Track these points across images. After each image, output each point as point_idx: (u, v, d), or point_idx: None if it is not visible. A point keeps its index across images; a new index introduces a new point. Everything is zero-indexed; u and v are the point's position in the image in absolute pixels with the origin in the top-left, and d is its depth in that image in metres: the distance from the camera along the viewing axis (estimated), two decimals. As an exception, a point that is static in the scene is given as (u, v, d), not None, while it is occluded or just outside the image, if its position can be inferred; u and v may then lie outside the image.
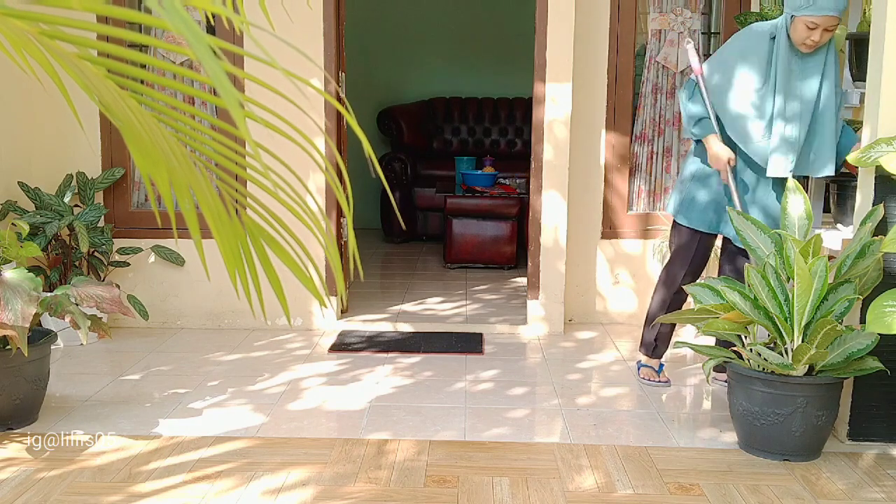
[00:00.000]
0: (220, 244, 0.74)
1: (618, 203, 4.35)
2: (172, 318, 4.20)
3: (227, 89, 0.62)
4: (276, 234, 0.94)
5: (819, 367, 2.62)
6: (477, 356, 3.79)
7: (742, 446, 2.76)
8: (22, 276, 2.68)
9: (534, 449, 2.74)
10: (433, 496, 2.37)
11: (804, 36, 2.81)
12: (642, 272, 4.37)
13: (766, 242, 2.78)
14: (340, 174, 4.27)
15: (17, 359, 2.73)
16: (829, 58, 2.90)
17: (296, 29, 3.98)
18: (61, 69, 0.84)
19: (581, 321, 4.42)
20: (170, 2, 0.64)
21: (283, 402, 3.14)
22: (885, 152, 2.61)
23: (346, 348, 3.88)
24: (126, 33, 0.90)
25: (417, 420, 2.97)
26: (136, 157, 0.72)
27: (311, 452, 2.66)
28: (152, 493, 2.36)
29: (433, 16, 7.52)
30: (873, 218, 2.67)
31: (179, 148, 0.83)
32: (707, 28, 4.39)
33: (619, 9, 4.24)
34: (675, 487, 2.45)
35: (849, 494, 2.44)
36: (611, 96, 4.29)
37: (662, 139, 4.42)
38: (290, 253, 0.92)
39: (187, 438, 2.76)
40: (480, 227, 5.71)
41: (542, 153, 4.11)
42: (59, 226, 3.77)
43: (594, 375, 3.57)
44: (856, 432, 2.81)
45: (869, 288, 2.63)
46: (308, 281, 0.93)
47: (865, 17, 3.21)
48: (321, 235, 0.95)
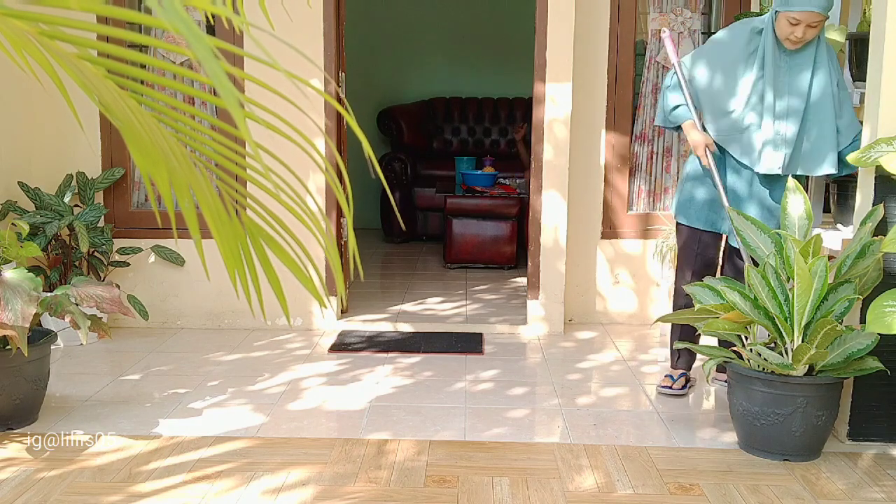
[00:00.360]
0: (219, 244, 0.74)
1: (618, 203, 4.35)
2: (172, 318, 4.20)
3: (228, 89, 0.62)
4: (275, 235, 0.94)
5: (819, 367, 2.62)
6: (477, 356, 3.79)
7: (742, 446, 2.76)
8: (22, 276, 2.68)
9: (534, 449, 2.74)
10: (433, 496, 2.37)
11: (787, 32, 2.82)
12: (642, 272, 4.37)
13: (766, 242, 2.78)
14: (340, 174, 4.27)
15: (17, 359, 2.73)
16: (820, 54, 2.89)
17: (296, 29, 3.99)
18: (61, 69, 0.84)
19: (581, 321, 4.42)
20: (170, 2, 0.64)
21: (283, 402, 3.14)
22: (885, 152, 2.61)
23: (346, 348, 3.88)
24: (126, 33, 0.90)
25: (417, 420, 2.97)
26: (136, 157, 0.72)
27: (311, 452, 2.66)
28: (152, 493, 2.36)
29: (433, 16, 7.52)
30: (873, 218, 2.67)
31: (179, 148, 0.83)
32: (707, 28, 4.39)
33: (619, 9, 4.24)
34: (675, 487, 2.45)
35: (849, 494, 2.44)
36: (611, 96, 4.29)
37: (662, 139, 4.42)
38: (290, 253, 0.92)
39: (187, 438, 2.76)
40: (480, 227, 5.71)
41: (542, 153, 4.11)
42: (59, 226, 3.77)
43: (594, 375, 3.57)
44: (856, 432, 2.81)
45: (869, 288, 2.63)
46: (308, 281, 0.93)
47: (865, 17, 3.21)
48: (321, 236, 0.95)
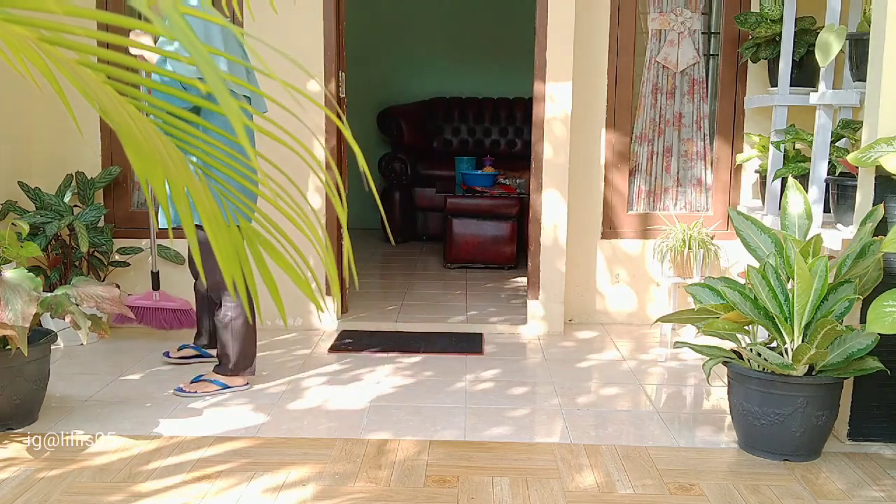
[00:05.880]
0: (216, 249, 0.75)
1: (618, 203, 4.35)
2: (173, 318, 4.20)
3: (226, 98, 0.63)
4: (272, 238, 0.94)
5: (819, 367, 2.62)
6: (477, 356, 3.79)
7: (742, 446, 2.76)
8: (22, 276, 2.68)
9: (534, 449, 2.74)
10: (433, 496, 2.37)
11: None
12: (642, 272, 4.38)
13: (766, 242, 2.79)
14: (342, 171, 4.27)
15: (17, 359, 2.73)
16: None
17: (296, 29, 3.99)
18: (60, 74, 0.84)
19: (581, 321, 4.42)
20: (169, 10, 0.64)
21: (284, 402, 3.14)
22: (885, 152, 2.61)
23: (347, 348, 3.88)
24: (126, 41, 0.90)
25: (418, 420, 2.97)
26: (135, 162, 0.73)
27: (312, 452, 2.66)
28: (152, 493, 2.36)
29: (433, 16, 7.51)
30: (873, 218, 2.67)
31: (177, 153, 0.83)
32: (707, 28, 4.39)
33: (619, 9, 4.24)
34: (675, 487, 2.45)
35: (849, 494, 2.44)
36: (611, 96, 4.29)
37: (662, 139, 4.42)
38: (287, 257, 0.92)
39: (187, 438, 2.76)
40: (480, 227, 5.71)
41: (542, 152, 4.11)
42: (59, 226, 3.77)
43: (594, 375, 3.57)
44: (856, 432, 2.81)
45: (869, 288, 2.63)
46: (304, 285, 0.93)
47: (865, 17, 3.21)
48: (318, 245, 0.95)
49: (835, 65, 3.42)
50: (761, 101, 3.96)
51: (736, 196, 4.40)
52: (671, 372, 3.63)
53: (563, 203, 4.13)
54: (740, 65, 4.28)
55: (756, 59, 3.98)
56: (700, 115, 4.39)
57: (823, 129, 3.32)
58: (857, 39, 3.13)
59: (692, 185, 4.44)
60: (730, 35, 4.27)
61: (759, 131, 4.24)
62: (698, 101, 4.38)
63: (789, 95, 3.71)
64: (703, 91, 4.38)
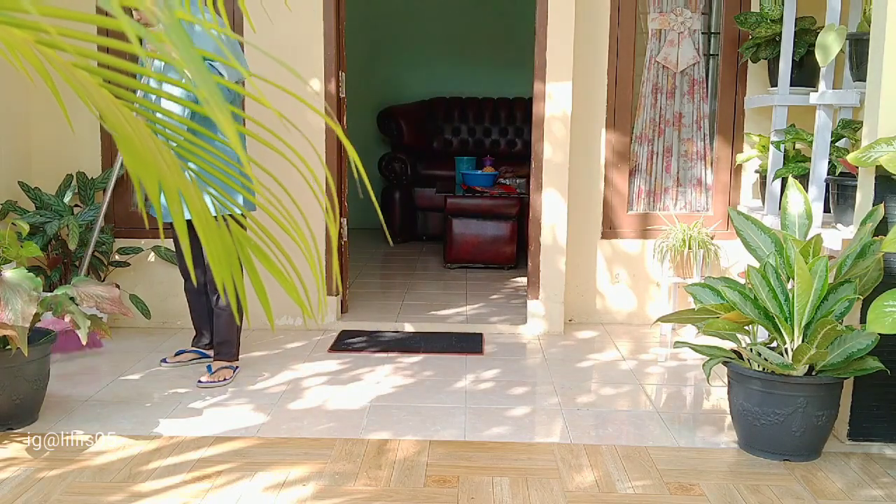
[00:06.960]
0: (208, 252, 0.75)
1: (618, 203, 4.35)
2: (172, 318, 4.20)
3: (220, 105, 0.62)
4: (261, 244, 0.94)
5: (819, 367, 2.62)
6: (477, 356, 3.80)
7: (742, 446, 2.76)
8: (22, 275, 2.69)
9: (534, 449, 2.74)
10: (433, 496, 2.37)
11: None
12: (642, 272, 4.38)
13: (766, 242, 2.78)
14: (342, 171, 4.27)
15: (17, 359, 2.74)
16: None
17: (296, 29, 3.99)
18: (57, 76, 0.84)
19: (581, 321, 4.42)
20: (167, 16, 0.64)
21: (284, 402, 3.14)
22: (885, 152, 2.61)
23: (347, 348, 3.88)
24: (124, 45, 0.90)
25: (417, 420, 2.97)
26: (130, 165, 0.73)
27: (312, 452, 2.66)
28: (152, 493, 2.36)
29: (433, 16, 7.51)
30: (873, 218, 2.67)
31: (171, 157, 0.83)
32: (707, 28, 4.38)
33: (619, 9, 4.23)
34: (675, 487, 2.45)
35: (849, 494, 2.44)
36: (611, 96, 4.29)
37: (662, 139, 4.42)
38: (277, 263, 0.92)
39: (187, 438, 2.76)
40: (480, 227, 5.71)
41: (541, 152, 4.11)
42: (58, 226, 3.77)
43: (594, 375, 3.57)
44: (856, 432, 2.81)
45: (869, 288, 2.63)
46: (291, 288, 0.93)
47: (865, 17, 3.21)
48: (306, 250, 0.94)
49: (835, 65, 3.41)
50: (761, 101, 3.96)
51: (736, 196, 4.40)
52: (671, 372, 3.63)
53: (563, 203, 4.13)
54: (740, 65, 4.28)
55: (756, 59, 3.97)
56: (700, 114, 4.39)
57: (823, 129, 3.32)
58: (857, 39, 3.12)
59: (692, 184, 4.44)
60: (730, 35, 4.27)
61: (759, 131, 4.24)
62: (698, 101, 4.38)
63: (789, 95, 3.71)
64: (703, 91, 4.38)
